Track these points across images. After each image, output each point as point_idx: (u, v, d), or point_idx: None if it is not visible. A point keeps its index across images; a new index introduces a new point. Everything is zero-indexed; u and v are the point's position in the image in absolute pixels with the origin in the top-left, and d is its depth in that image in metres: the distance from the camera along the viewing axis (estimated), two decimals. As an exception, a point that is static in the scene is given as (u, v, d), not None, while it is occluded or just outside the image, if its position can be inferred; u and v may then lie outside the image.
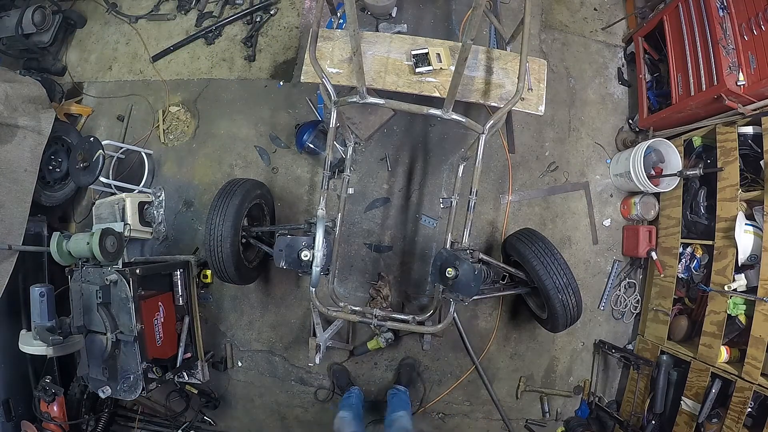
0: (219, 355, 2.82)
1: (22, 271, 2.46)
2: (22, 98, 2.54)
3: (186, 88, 3.07)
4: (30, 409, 2.34)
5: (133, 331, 2.07)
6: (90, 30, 3.32)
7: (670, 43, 2.47)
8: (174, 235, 2.90)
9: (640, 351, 2.61)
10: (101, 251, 2.11)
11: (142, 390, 2.12)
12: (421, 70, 1.99)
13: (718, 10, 2.16)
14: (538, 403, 2.75)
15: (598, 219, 2.81)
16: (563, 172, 2.83)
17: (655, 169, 2.58)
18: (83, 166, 2.51)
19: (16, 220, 2.45)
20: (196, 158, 2.96)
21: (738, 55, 2.10)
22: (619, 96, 2.94)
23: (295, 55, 3.00)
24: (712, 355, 2.15)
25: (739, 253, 2.09)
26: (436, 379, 2.73)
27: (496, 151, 2.81)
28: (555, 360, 2.76)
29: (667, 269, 2.48)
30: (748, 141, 2.18)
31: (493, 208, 2.79)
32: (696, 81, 2.28)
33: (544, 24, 2.95)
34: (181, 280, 2.46)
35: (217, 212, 2.17)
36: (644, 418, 2.44)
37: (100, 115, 3.16)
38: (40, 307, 1.93)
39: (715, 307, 2.20)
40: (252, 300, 2.82)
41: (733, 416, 2.01)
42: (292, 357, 2.79)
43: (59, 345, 1.90)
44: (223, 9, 3.12)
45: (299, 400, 2.80)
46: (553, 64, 2.88)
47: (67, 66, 3.27)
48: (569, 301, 2.01)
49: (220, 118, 2.98)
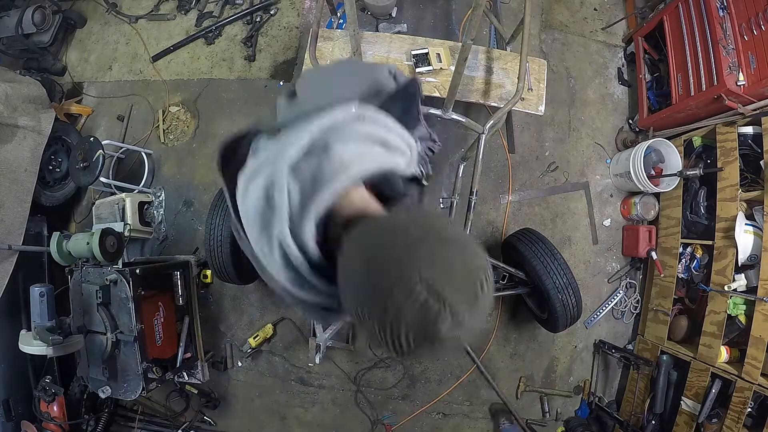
0: (219, 355, 2.82)
1: (22, 271, 2.46)
2: (22, 98, 2.54)
3: (186, 88, 3.07)
4: (30, 409, 2.34)
5: (133, 331, 2.08)
6: (90, 30, 3.32)
7: (670, 43, 2.47)
8: (174, 235, 2.90)
9: (640, 351, 2.61)
10: (101, 251, 2.11)
11: (142, 390, 2.12)
12: (421, 70, 2.00)
13: (718, 10, 2.16)
14: (538, 403, 2.75)
15: (598, 219, 2.81)
16: (563, 172, 2.83)
17: (655, 169, 2.58)
18: (83, 166, 2.51)
19: (16, 220, 2.45)
20: (196, 158, 2.96)
21: (738, 55, 2.10)
22: (619, 96, 2.94)
23: (295, 55, 3.00)
24: (712, 355, 2.15)
25: (739, 253, 2.09)
26: (436, 379, 2.73)
27: (496, 151, 2.81)
28: (555, 360, 2.76)
29: (667, 269, 2.48)
30: (748, 141, 2.18)
31: (493, 208, 2.79)
32: (696, 81, 2.28)
33: (544, 24, 2.95)
34: (181, 280, 2.46)
35: (217, 212, 2.17)
36: (644, 418, 2.43)
37: (100, 115, 3.16)
38: (40, 307, 1.93)
39: (715, 307, 2.20)
40: (252, 300, 2.82)
41: (733, 416, 2.01)
42: (292, 357, 2.79)
43: (59, 345, 1.91)
44: (223, 9, 3.12)
45: (299, 400, 2.80)
46: (553, 64, 2.88)
47: (67, 66, 3.27)
48: (569, 301, 2.01)
49: (220, 118, 2.98)
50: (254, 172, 0.70)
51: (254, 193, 0.68)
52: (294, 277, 0.69)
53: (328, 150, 0.69)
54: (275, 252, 0.67)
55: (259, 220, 0.68)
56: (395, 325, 0.51)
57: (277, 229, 0.66)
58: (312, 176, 0.68)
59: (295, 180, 0.67)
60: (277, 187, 0.65)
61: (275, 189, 0.66)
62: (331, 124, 0.71)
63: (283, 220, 0.65)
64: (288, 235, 0.65)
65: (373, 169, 0.73)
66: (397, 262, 0.52)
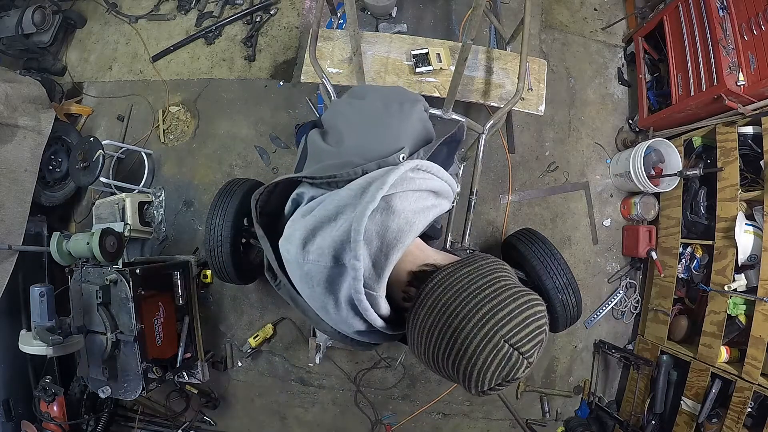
0: (219, 355, 2.82)
1: (22, 271, 2.46)
2: (22, 98, 2.54)
3: (186, 88, 3.07)
4: (30, 409, 2.34)
5: (133, 331, 2.07)
6: (90, 30, 3.32)
7: (670, 43, 2.47)
8: (174, 235, 2.90)
9: (640, 351, 2.61)
10: (101, 251, 2.11)
11: (142, 390, 2.12)
12: (421, 70, 1.99)
13: (718, 10, 2.16)
14: (538, 403, 2.75)
15: (598, 219, 2.81)
16: (563, 172, 2.83)
17: (655, 169, 2.58)
18: (83, 166, 2.51)
19: (16, 220, 2.45)
20: (196, 158, 2.96)
21: (738, 55, 2.10)
22: (619, 96, 2.94)
23: (295, 55, 3.00)
24: (712, 355, 2.15)
25: (739, 253, 2.10)
26: (436, 379, 2.73)
27: (496, 151, 2.81)
28: (555, 360, 2.76)
29: (667, 269, 2.48)
30: (748, 141, 2.18)
31: (493, 208, 2.79)
32: (696, 81, 2.28)
33: (544, 24, 2.95)
34: (181, 280, 2.46)
35: (217, 212, 2.17)
36: (644, 418, 2.44)
37: (100, 115, 3.16)
38: (40, 307, 1.93)
39: (715, 307, 2.20)
40: (252, 300, 2.82)
41: (733, 416, 2.01)
42: (292, 357, 2.79)
43: (59, 345, 1.91)
44: (223, 9, 3.12)
45: (299, 400, 2.80)
46: (553, 64, 2.88)
47: (67, 66, 3.27)
48: (569, 301, 2.01)
49: (220, 118, 2.98)
50: (312, 231, 0.67)
51: (316, 253, 0.65)
52: (359, 329, 0.70)
53: (391, 207, 0.68)
54: (343, 309, 0.67)
55: (324, 281, 0.65)
56: (481, 375, 0.58)
57: (346, 290, 0.64)
58: (379, 236, 0.67)
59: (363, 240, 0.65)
60: (351, 249, 0.62)
61: (347, 251, 0.63)
62: (395, 180, 0.68)
63: (358, 281, 0.63)
64: (364, 299, 0.64)
65: (430, 220, 0.75)
66: (482, 323, 0.58)
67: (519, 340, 0.57)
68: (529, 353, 0.58)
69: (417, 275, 0.68)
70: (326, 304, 0.67)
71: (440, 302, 0.61)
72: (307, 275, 0.67)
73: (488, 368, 0.57)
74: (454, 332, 0.59)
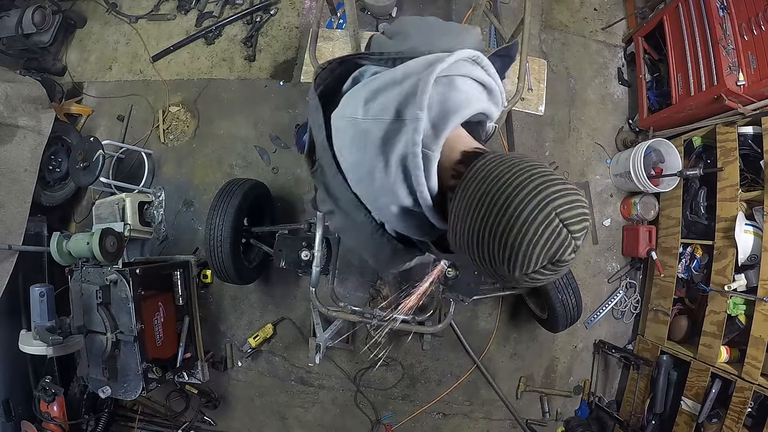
0: (219, 355, 2.82)
1: (22, 271, 2.46)
2: (22, 98, 2.55)
3: (186, 88, 3.07)
4: (30, 409, 2.35)
5: (133, 331, 2.08)
6: (90, 30, 3.32)
7: (670, 43, 2.47)
8: (174, 235, 2.90)
9: (640, 351, 2.61)
10: (101, 251, 2.11)
11: (142, 390, 2.13)
12: (421, 70, 1.99)
13: (718, 10, 2.16)
14: (538, 403, 2.75)
15: (598, 219, 2.81)
16: (563, 172, 2.83)
17: (655, 169, 2.58)
18: (83, 166, 2.52)
19: (16, 220, 2.45)
20: (196, 158, 2.96)
21: (738, 55, 2.10)
22: (619, 96, 2.93)
23: (295, 55, 3.00)
24: (712, 355, 2.15)
25: (739, 253, 2.09)
26: (436, 379, 2.73)
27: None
28: (555, 360, 2.76)
29: (667, 269, 2.48)
30: (748, 141, 2.18)
31: (493, 208, 2.78)
32: (696, 81, 2.28)
33: (544, 24, 2.95)
34: (181, 280, 2.46)
35: (217, 212, 2.17)
36: (644, 418, 2.43)
37: (100, 115, 3.16)
38: (40, 307, 1.93)
39: (715, 307, 2.20)
40: (252, 300, 2.82)
41: (733, 416, 2.01)
42: (292, 357, 2.79)
43: (59, 345, 1.91)
44: (223, 9, 3.12)
45: (299, 400, 2.80)
46: (553, 64, 2.88)
47: (67, 66, 3.27)
48: (569, 301, 2.01)
49: (220, 118, 2.98)
50: (375, 91, 0.70)
51: (378, 108, 0.68)
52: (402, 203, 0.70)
53: (452, 83, 0.72)
54: (392, 173, 0.67)
55: (380, 138, 0.67)
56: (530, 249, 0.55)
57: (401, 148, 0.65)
58: (440, 103, 0.69)
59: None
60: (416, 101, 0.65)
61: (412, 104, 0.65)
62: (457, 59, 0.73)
63: (417, 133, 0.64)
64: (419, 156, 0.65)
65: (480, 110, 0.76)
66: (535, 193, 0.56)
67: (569, 217, 0.55)
68: (577, 234, 0.56)
69: (469, 154, 0.69)
70: (374, 168, 0.68)
71: (492, 173, 0.60)
72: (363, 134, 0.68)
73: (537, 242, 0.55)
74: (505, 201, 0.57)
